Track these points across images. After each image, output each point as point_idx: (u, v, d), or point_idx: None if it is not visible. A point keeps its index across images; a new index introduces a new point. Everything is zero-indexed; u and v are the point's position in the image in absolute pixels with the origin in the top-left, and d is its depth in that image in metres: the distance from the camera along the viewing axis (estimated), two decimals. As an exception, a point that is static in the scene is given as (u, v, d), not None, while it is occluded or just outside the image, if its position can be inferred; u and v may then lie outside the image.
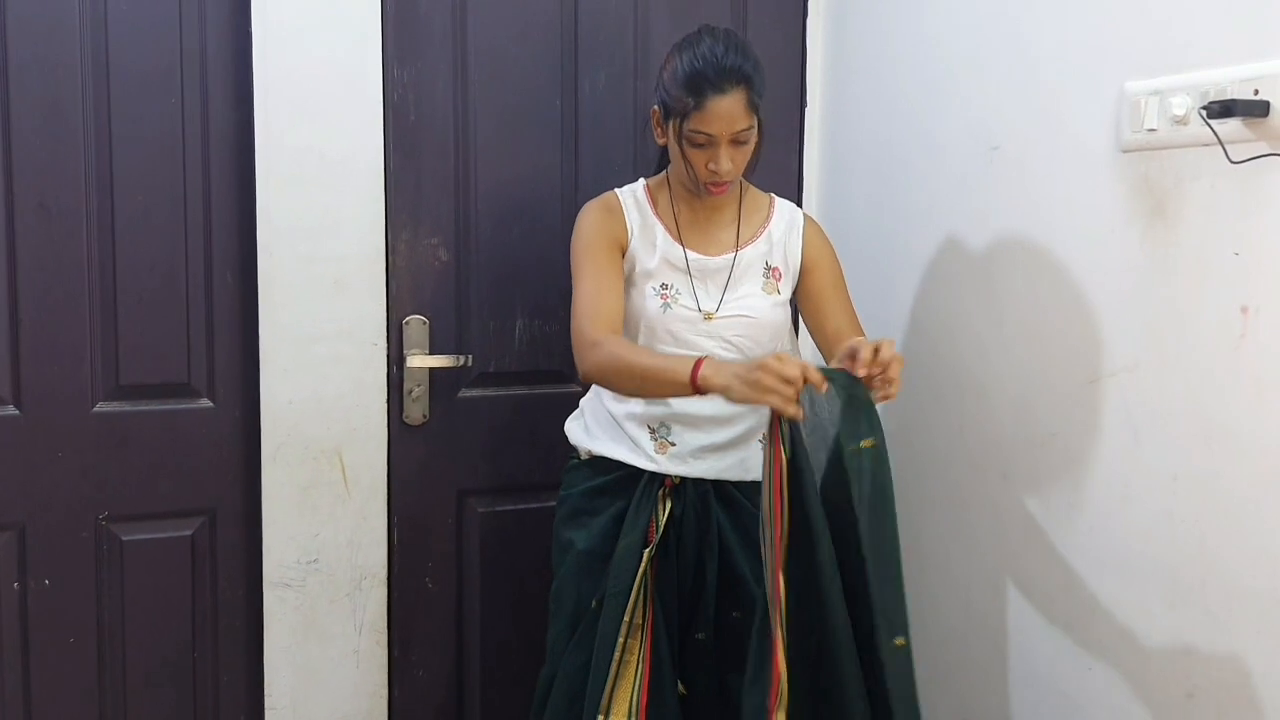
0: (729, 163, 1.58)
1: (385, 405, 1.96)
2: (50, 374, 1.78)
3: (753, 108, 1.58)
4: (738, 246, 1.71)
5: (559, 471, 1.82)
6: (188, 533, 1.90)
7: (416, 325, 1.97)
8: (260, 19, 1.82)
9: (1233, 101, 1.27)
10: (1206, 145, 1.32)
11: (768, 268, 1.72)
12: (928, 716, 1.89)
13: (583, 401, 1.81)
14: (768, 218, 1.75)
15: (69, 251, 1.78)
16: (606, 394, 1.72)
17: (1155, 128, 1.40)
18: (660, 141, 1.68)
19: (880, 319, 2.00)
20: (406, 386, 1.97)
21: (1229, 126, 1.28)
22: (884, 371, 1.39)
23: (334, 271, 1.90)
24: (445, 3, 1.96)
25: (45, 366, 1.78)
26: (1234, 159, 1.28)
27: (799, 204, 2.23)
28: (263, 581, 1.91)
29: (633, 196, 1.73)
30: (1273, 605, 1.27)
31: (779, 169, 2.21)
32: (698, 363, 1.43)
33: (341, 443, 1.93)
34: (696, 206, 1.71)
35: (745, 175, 1.68)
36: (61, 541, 1.82)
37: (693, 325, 1.66)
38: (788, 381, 1.33)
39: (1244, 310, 1.30)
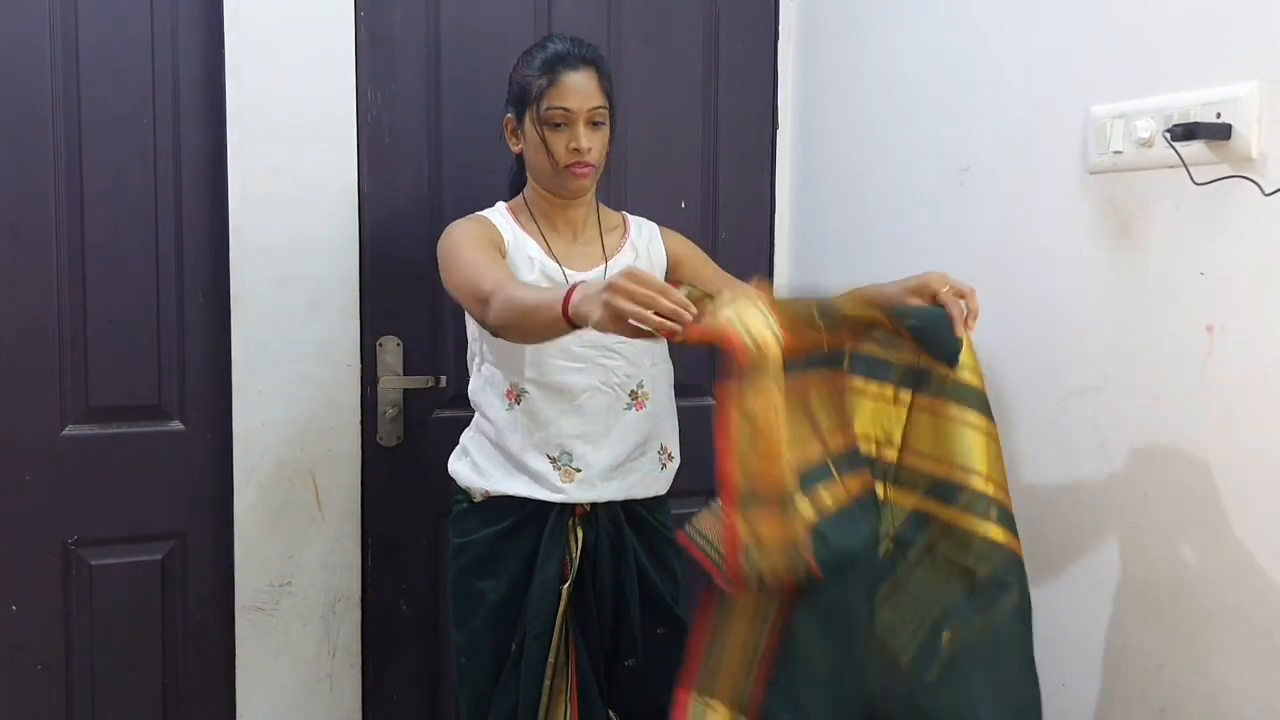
0: (589, 141, 1.60)
1: (359, 427, 1.95)
2: (19, 396, 1.76)
3: (605, 90, 1.63)
4: (605, 258, 1.71)
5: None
6: (158, 557, 1.88)
7: (390, 346, 1.97)
8: (233, 40, 1.82)
9: (1195, 124, 1.29)
10: (1171, 167, 1.35)
11: None
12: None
13: (464, 439, 1.73)
14: (625, 230, 1.77)
15: (39, 273, 1.76)
16: (498, 430, 1.64)
17: (1121, 150, 1.43)
18: (515, 148, 1.69)
19: (853, 338, 2.02)
20: (380, 408, 1.97)
21: (1192, 149, 1.31)
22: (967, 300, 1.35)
23: (307, 292, 1.89)
24: (419, 25, 1.97)
25: (13, 388, 1.76)
26: (1197, 180, 1.30)
27: (771, 225, 2.26)
28: (235, 605, 1.89)
29: (499, 215, 1.70)
30: (1242, 619, 1.29)
31: (751, 189, 2.24)
32: (568, 293, 1.27)
33: (315, 464, 1.92)
34: (561, 221, 1.70)
35: (601, 171, 1.67)
36: (29, 566, 1.79)
37: (576, 336, 1.44)
38: (647, 296, 1.16)
39: (1209, 329, 1.33)
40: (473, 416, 1.75)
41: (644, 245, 1.75)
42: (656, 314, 1.15)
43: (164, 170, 1.83)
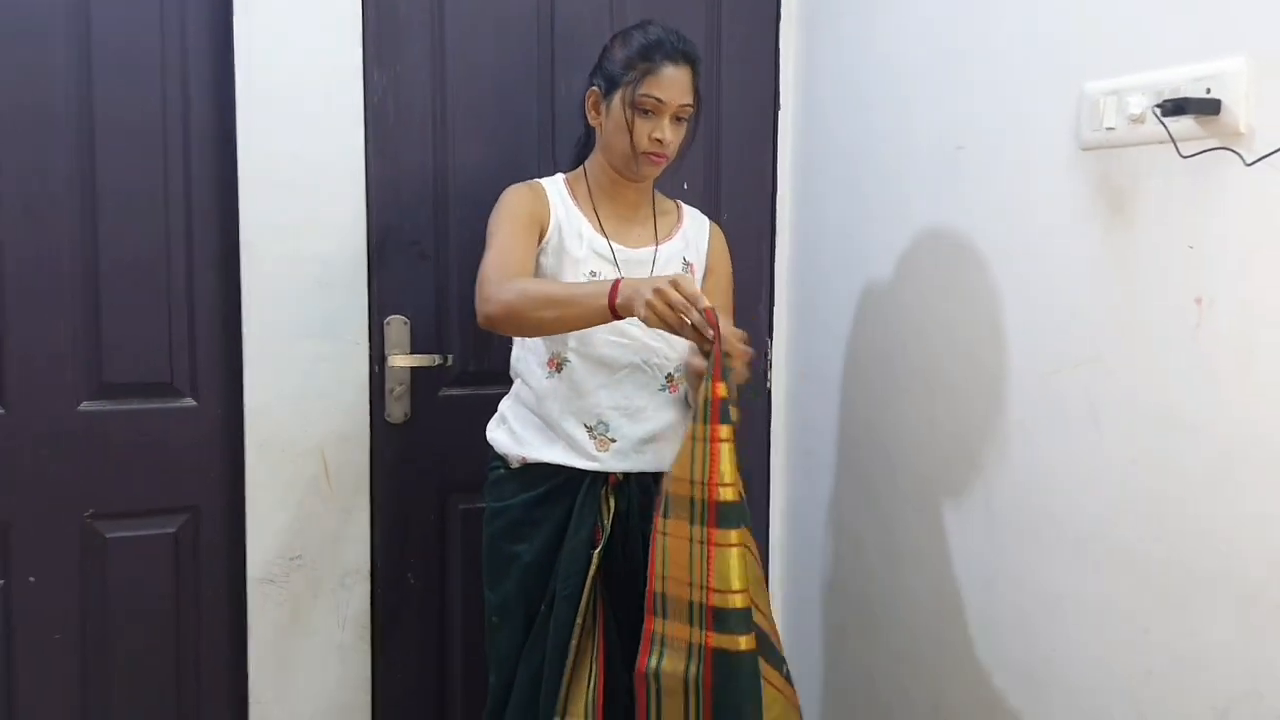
0: (670, 134, 1.65)
1: (368, 404, 1.99)
2: (35, 373, 1.80)
3: (696, 90, 1.67)
4: (657, 241, 1.76)
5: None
6: (171, 530, 1.92)
7: (397, 325, 2.00)
8: (242, 19, 1.85)
9: (1185, 100, 1.31)
10: (1161, 143, 1.36)
11: (685, 263, 1.78)
12: (902, 704, 1.94)
13: (502, 406, 1.79)
14: (679, 219, 1.83)
15: (53, 252, 1.80)
16: (538, 397, 1.71)
17: (1114, 126, 1.45)
18: (594, 122, 1.72)
19: (854, 319, 2.05)
20: (388, 385, 2.00)
21: (1182, 124, 1.33)
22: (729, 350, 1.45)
23: (316, 271, 1.93)
24: (424, 5, 1.99)
25: (30, 365, 1.80)
26: (1184, 154, 1.33)
27: (772, 205, 2.29)
28: (246, 578, 1.93)
29: (555, 187, 1.76)
30: (1226, 586, 1.32)
31: (753, 169, 2.26)
32: (615, 285, 1.45)
33: (324, 441, 1.96)
34: (617, 199, 1.75)
35: (671, 163, 1.72)
36: (47, 539, 1.83)
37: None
38: (684, 306, 1.38)
39: (1198, 301, 1.35)
40: (484, 392, 1.80)
41: (694, 236, 1.81)
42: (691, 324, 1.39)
43: (174, 150, 1.87)
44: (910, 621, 1.91)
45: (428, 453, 2.04)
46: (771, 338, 2.30)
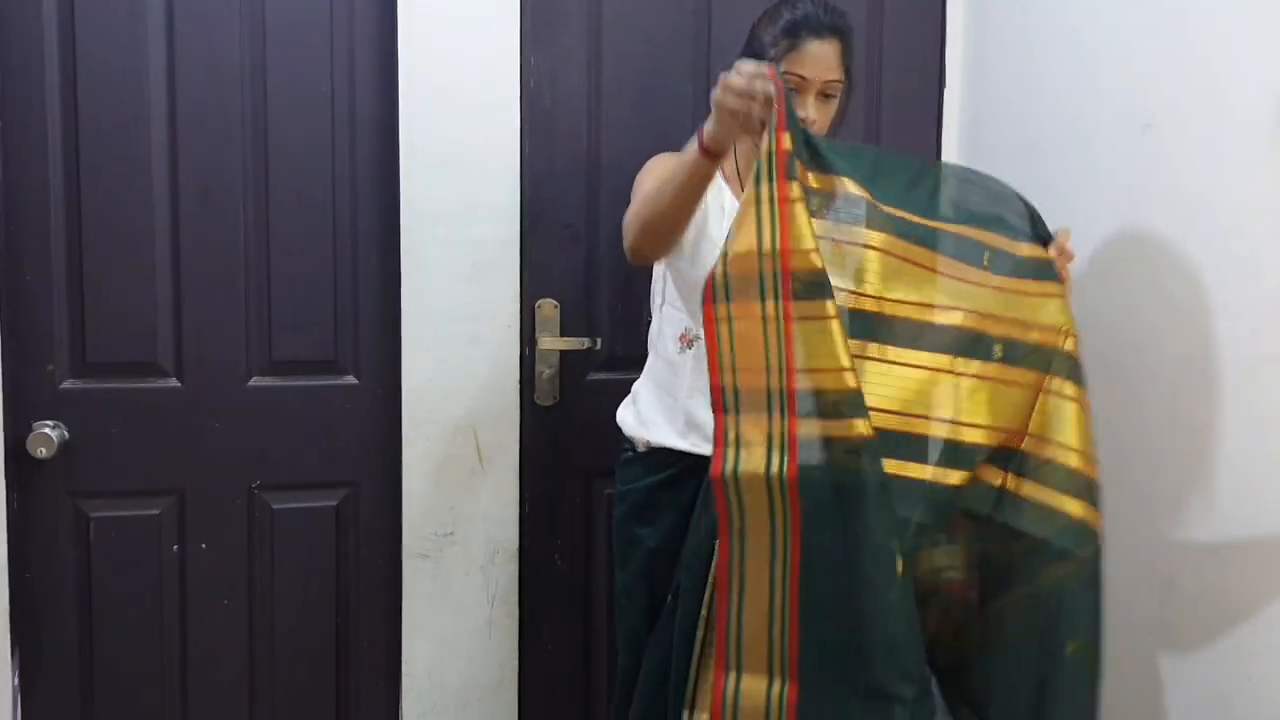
0: (815, 111, 1.58)
1: (518, 385, 2.00)
2: (209, 349, 1.89)
3: (844, 64, 1.59)
4: None
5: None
6: (333, 503, 1.99)
7: (548, 309, 2.01)
8: (405, 10, 1.88)
9: None
10: (1386, 116, 1.23)
11: None
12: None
13: (636, 386, 1.78)
14: None
15: (227, 234, 1.88)
16: (670, 373, 1.68)
17: (1327, 99, 1.32)
18: None
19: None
20: (538, 368, 2.02)
21: None
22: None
23: (471, 255, 1.95)
24: (581, -12, 1.99)
25: (205, 342, 1.89)
26: None
27: (936, 187, 2.18)
28: (402, 552, 1.98)
29: None
30: None
31: (916, 150, 2.17)
32: (699, 130, 1.40)
33: (477, 420, 1.98)
34: None
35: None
36: (217, 508, 1.92)
37: None
38: (745, 88, 1.29)
39: None
40: (631, 377, 1.78)
41: None
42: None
43: (340, 139, 1.92)
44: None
45: (575, 436, 2.05)
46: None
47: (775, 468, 1.21)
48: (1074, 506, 1.33)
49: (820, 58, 1.56)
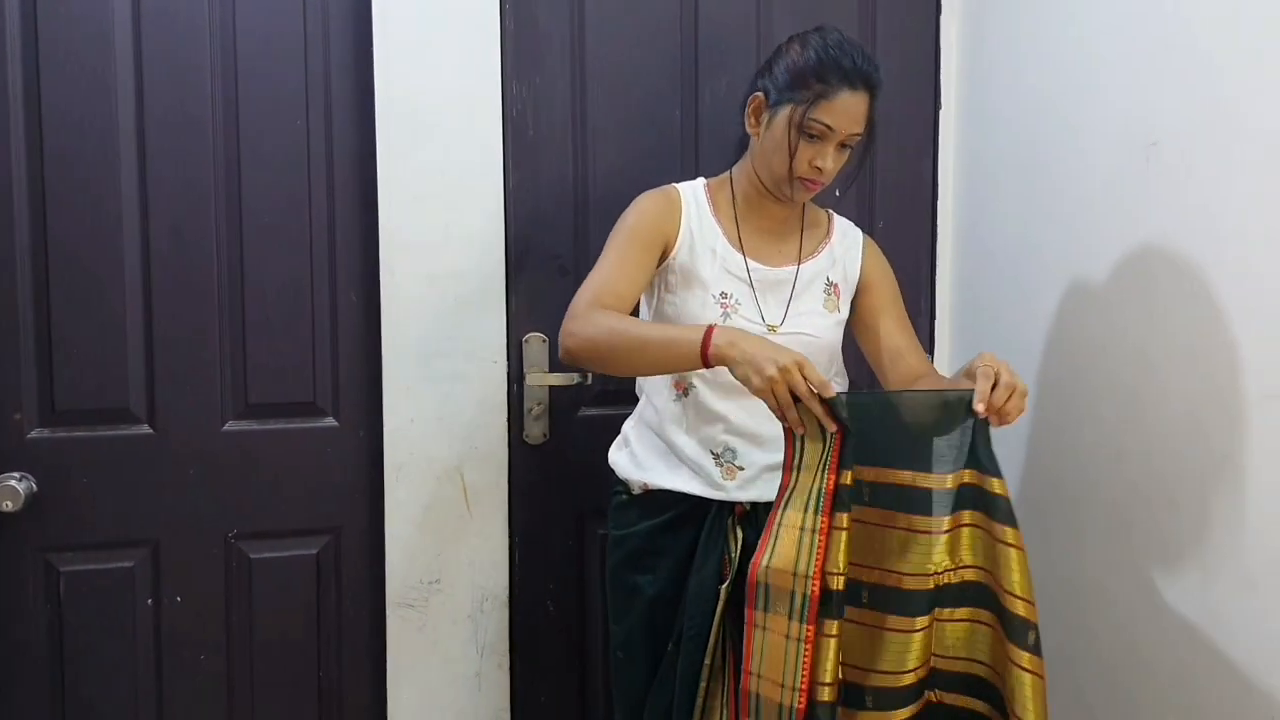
0: (833, 163, 1.51)
1: (506, 424, 1.93)
2: (182, 393, 1.82)
3: (870, 118, 1.52)
4: (800, 259, 1.62)
5: (681, 494, 1.75)
6: (313, 551, 1.91)
7: (536, 343, 1.94)
8: (381, 39, 1.82)
9: None
10: None
11: (829, 284, 1.63)
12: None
13: (626, 427, 1.71)
14: (828, 233, 1.68)
15: (200, 273, 1.81)
16: (662, 420, 1.61)
17: (1344, 114, 1.25)
18: (752, 130, 1.58)
19: (1026, 334, 1.87)
20: (526, 405, 1.94)
21: None
22: (999, 411, 1.31)
23: (455, 289, 1.89)
24: (564, 16, 1.93)
25: (178, 386, 1.82)
26: None
27: (933, 213, 2.13)
28: (386, 601, 1.90)
29: (693, 195, 1.63)
30: None
31: (910, 175, 2.11)
32: (709, 330, 1.35)
33: (463, 461, 1.91)
34: (761, 213, 1.62)
35: (829, 190, 1.60)
36: (193, 558, 1.85)
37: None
38: (795, 387, 1.28)
39: None
40: (624, 412, 1.71)
41: (842, 254, 1.67)
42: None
43: (316, 171, 1.86)
44: (1093, 670, 1.71)
45: (566, 475, 1.97)
46: (933, 356, 2.14)
47: None
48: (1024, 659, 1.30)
49: (849, 110, 1.48)
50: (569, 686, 2.01)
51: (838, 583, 1.30)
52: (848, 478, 1.31)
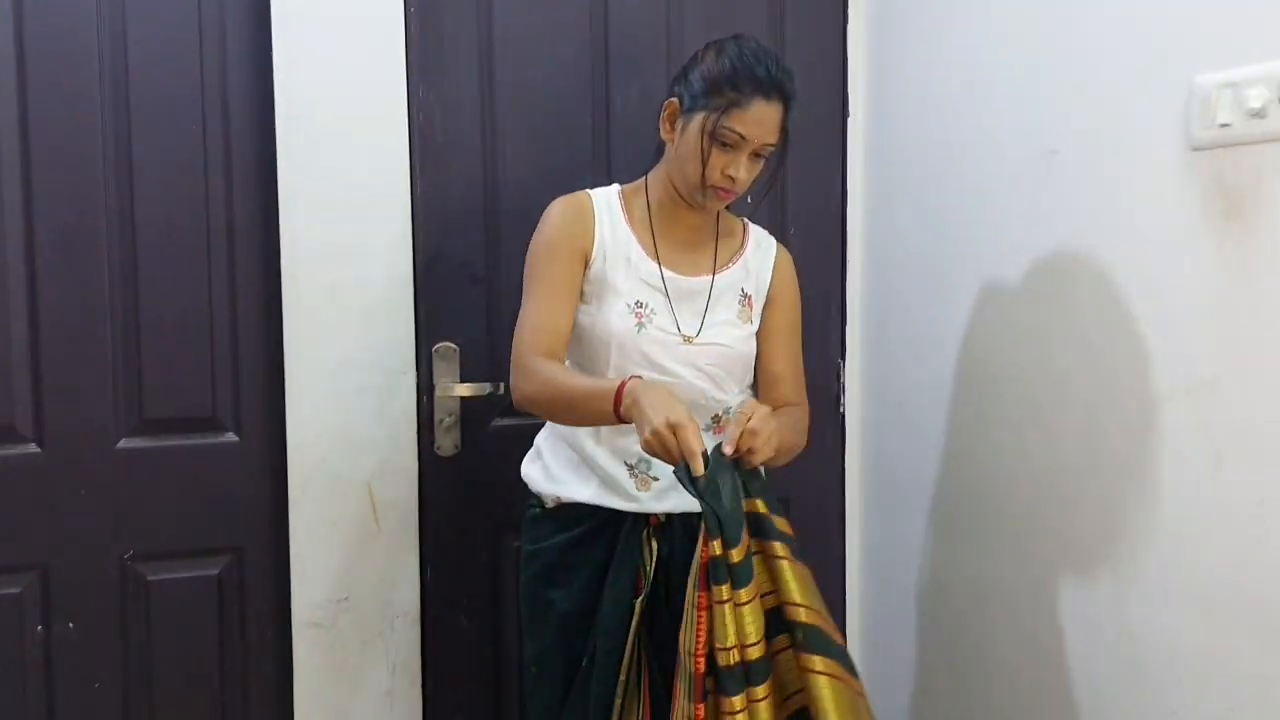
0: (746, 173, 1.50)
1: (415, 436, 1.89)
2: (72, 410, 1.74)
3: (784, 127, 1.51)
4: (715, 270, 1.61)
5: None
6: (214, 571, 1.84)
7: (446, 352, 1.91)
8: (281, 42, 1.77)
9: (1318, 90, 1.16)
10: (1288, 139, 1.21)
11: (743, 295, 1.63)
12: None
13: (538, 440, 1.67)
14: (743, 243, 1.67)
15: (90, 285, 1.74)
16: (575, 430, 1.58)
17: (1229, 122, 1.30)
18: (667, 136, 1.57)
19: (933, 338, 1.90)
20: (437, 416, 1.90)
21: (1314, 117, 1.17)
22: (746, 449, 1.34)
23: (360, 299, 1.84)
24: (470, 20, 1.90)
25: (67, 402, 1.73)
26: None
27: (842, 219, 2.15)
28: (292, 621, 1.84)
29: (606, 201, 1.61)
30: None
31: (819, 182, 2.13)
32: (619, 390, 1.37)
33: (371, 476, 1.86)
34: (676, 220, 1.61)
35: (741, 199, 1.60)
36: (85, 582, 1.76)
37: (669, 349, 1.54)
38: (669, 452, 1.31)
39: (1337, 318, 1.19)
40: (537, 423, 1.68)
41: (755, 266, 1.66)
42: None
43: (214, 177, 1.80)
44: (1001, 672, 1.74)
45: (479, 487, 1.94)
46: (844, 359, 2.16)
47: None
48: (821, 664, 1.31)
49: (763, 120, 1.47)
50: (483, 703, 1.98)
51: (729, 658, 1.25)
52: (716, 548, 1.27)
